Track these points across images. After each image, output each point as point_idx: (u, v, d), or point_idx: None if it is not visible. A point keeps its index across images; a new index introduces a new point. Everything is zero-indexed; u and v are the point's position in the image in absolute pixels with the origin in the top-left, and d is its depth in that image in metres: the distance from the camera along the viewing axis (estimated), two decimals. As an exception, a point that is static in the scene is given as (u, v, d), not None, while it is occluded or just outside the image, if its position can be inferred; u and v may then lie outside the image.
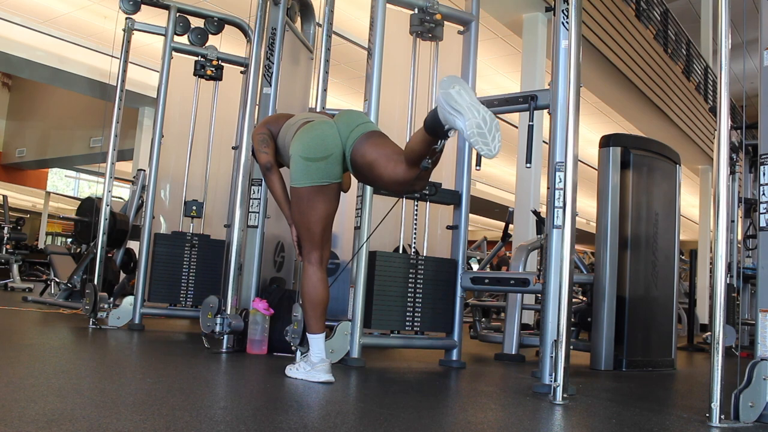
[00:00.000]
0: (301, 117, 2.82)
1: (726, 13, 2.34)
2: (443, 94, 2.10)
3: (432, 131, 2.21)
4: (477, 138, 2.05)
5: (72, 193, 18.88)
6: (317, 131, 2.61)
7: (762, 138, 2.41)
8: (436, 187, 3.52)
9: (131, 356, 3.38)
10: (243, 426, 1.76)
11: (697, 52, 12.01)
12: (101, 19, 9.29)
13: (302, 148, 2.58)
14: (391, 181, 2.48)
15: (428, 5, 3.61)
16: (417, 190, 2.68)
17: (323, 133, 2.60)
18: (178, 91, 4.78)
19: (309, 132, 2.62)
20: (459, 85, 2.11)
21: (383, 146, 2.54)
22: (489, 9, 6.96)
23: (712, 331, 2.23)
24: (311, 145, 2.58)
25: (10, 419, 1.62)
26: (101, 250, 4.57)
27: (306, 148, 2.58)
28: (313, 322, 2.65)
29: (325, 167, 2.56)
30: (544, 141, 4.59)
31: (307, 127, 2.65)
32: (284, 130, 2.79)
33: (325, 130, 2.60)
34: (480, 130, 2.05)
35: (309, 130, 2.64)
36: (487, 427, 2.08)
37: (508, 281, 3.74)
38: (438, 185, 3.56)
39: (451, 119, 2.10)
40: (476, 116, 2.05)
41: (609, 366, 3.88)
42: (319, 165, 2.55)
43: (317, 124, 2.67)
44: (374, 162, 2.50)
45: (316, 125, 2.65)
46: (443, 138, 2.22)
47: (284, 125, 2.81)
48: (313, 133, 2.61)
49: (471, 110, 2.06)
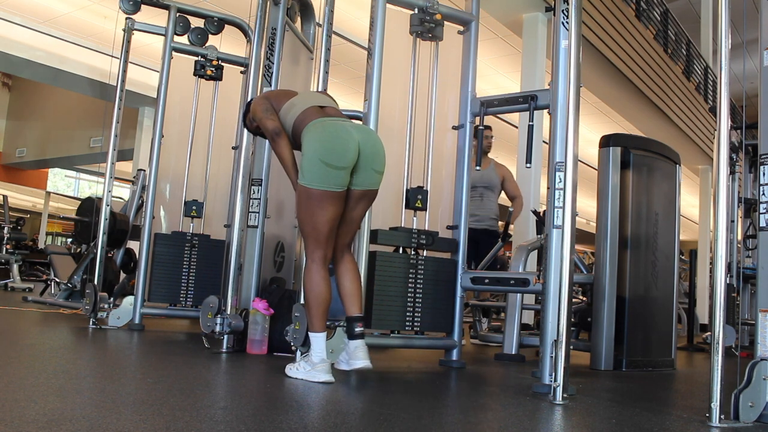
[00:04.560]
0: (305, 99, 2.81)
1: (726, 13, 2.34)
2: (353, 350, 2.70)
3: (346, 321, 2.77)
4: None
5: (72, 193, 18.88)
6: (340, 139, 2.61)
7: (762, 138, 2.40)
8: (433, 236, 3.48)
9: (131, 356, 3.38)
10: (243, 426, 1.76)
11: (697, 52, 12.01)
12: (101, 19, 9.30)
13: (323, 152, 2.58)
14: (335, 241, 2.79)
15: (428, 5, 3.61)
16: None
17: (346, 143, 2.60)
18: (178, 91, 4.78)
19: (331, 135, 2.61)
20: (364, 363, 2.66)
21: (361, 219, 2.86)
22: (489, 9, 6.96)
23: (712, 331, 2.23)
24: (334, 152, 2.58)
25: (10, 419, 1.62)
26: (101, 250, 4.57)
27: (327, 153, 2.57)
28: (315, 321, 2.65)
29: (342, 176, 2.60)
30: (544, 141, 4.59)
31: (327, 127, 2.64)
32: (286, 108, 2.79)
33: (349, 141, 2.61)
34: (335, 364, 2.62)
35: (330, 132, 2.62)
36: (487, 427, 2.08)
37: (508, 281, 3.74)
38: (435, 234, 3.50)
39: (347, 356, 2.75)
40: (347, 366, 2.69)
41: (609, 366, 3.88)
42: (338, 173, 2.58)
43: (338, 127, 2.65)
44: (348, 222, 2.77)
45: (338, 130, 2.64)
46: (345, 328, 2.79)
47: (286, 104, 2.81)
48: (337, 140, 2.61)
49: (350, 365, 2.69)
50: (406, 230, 3.43)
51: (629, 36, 8.59)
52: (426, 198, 3.52)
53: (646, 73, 9.21)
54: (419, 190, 3.51)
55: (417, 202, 3.50)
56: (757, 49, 2.40)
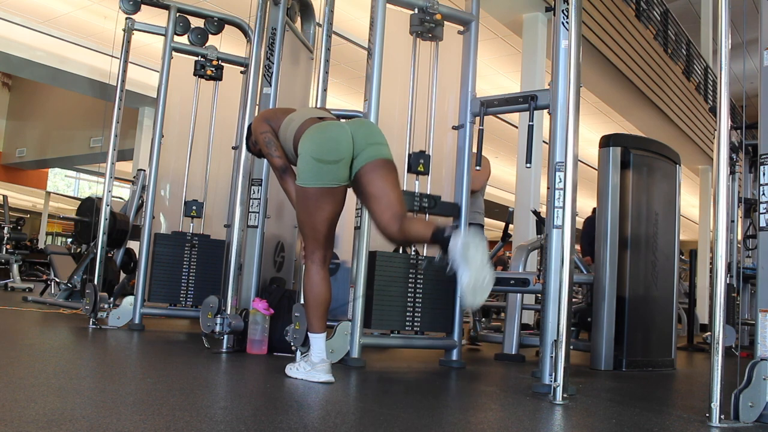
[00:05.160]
0: (303, 113, 2.80)
1: (726, 13, 2.34)
2: (464, 242, 2.30)
3: (434, 243, 2.42)
4: (468, 291, 2.29)
5: (72, 193, 18.88)
6: (331, 133, 2.60)
7: (762, 138, 2.40)
8: (436, 200, 3.51)
9: (131, 356, 3.38)
10: (243, 426, 1.76)
11: (697, 52, 12.02)
12: (101, 19, 9.30)
13: (315, 149, 2.57)
14: (379, 225, 2.61)
15: (428, 5, 3.61)
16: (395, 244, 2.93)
17: (338, 136, 2.58)
18: (178, 91, 4.78)
19: (322, 133, 2.60)
20: (480, 244, 2.31)
21: (391, 188, 2.60)
22: (489, 9, 6.96)
23: (712, 331, 2.23)
24: (324, 146, 2.57)
25: (10, 419, 1.62)
26: (101, 250, 4.57)
27: (319, 149, 2.56)
28: (315, 321, 2.65)
29: (336, 170, 2.56)
30: (544, 141, 4.59)
31: (320, 127, 2.63)
32: (285, 125, 2.78)
33: (340, 134, 2.59)
34: (474, 288, 2.28)
35: (322, 130, 2.62)
36: (487, 427, 2.08)
37: (508, 281, 3.74)
38: (437, 198, 3.54)
39: (457, 261, 2.31)
40: (478, 277, 2.28)
41: (609, 366, 3.88)
42: (331, 167, 2.55)
43: (330, 125, 2.65)
44: (376, 198, 2.59)
45: (330, 126, 2.63)
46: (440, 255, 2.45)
47: (285, 120, 2.80)
48: (327, 135, 2.59)
49: (478, 270, 2.28)
50: (408, 193, 3.45)
51: (629, 36, 8.59)
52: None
53: (646, 73, 9.22)
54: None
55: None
56: (757, 49, 2.40)
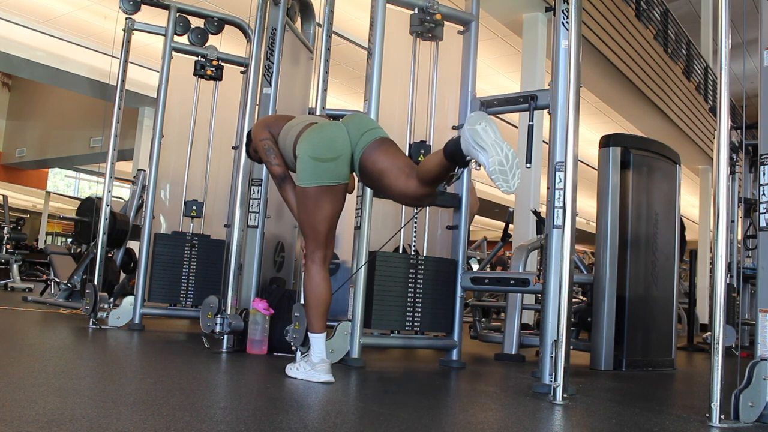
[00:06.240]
0: (302, 119, 2.81)
1: (726, 13, 2.34)
2: (470, 130, 2.20)
3: (451, 159, 2.31)
4: (498, 174, 2.16)
5: (72, 193, 18.88)
6: (327, 132, 2.62)
7: (762, 138, 2.40)
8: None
9: (131, 356, 3.38)
10: (243, 426, 1.76)
11: (697, 52, 12.01)
12: (101, 19, 9.29)
13: (311, 148, 2.58)
14: (400, 193, 2.55)
15: (428, 5, 3.61)
16: (424, 205, 2.80)
17: (333, 134, 2.60)
18: (178, 91, 4.78)
19: (318, 132, 2.62)
20: (485, 122, 2.21)
21: (395, 157, 2.59)
22: (489, 9, 6.96)
23: (712, 331, 2.23)
24: (321, 145, 2.58)
25: (10, 419, 1.62)
26: (101, 250, 4.57)
27: (315, 148, 2.58)
28: (315, 321, 2.65)
29: (334, 168, 2.57)
30: (544, 141, 4.59)
31: (316, 128, 2.65)
32: (284, 132, 2.78)
33: (335, 131, 2.61)
34: (502, 167, 2.16)
35: (318, 130, 2.63)
36: (487, 427, 2.08)
37: (508, 281, 3.74)
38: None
39: (474, 153, 2.21)
40: (499, 153, 2.16)
41: (609, 366, 3.88)
42: (329, 165, 2.56)
43: (326, 125, 2.67)
44: (385, 171, 2.55)
45: (325, 126, 2.66)
46: (462, 167, 2.34)
47: (284, 127, 2.81)
48: (323, 134, 2.61)
49: (495, 147, 2.17)
50: None
51: (629, 36, 8.59)
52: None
53: (646, 73, 9.21)
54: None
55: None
56: (757, 49, 2.41)
